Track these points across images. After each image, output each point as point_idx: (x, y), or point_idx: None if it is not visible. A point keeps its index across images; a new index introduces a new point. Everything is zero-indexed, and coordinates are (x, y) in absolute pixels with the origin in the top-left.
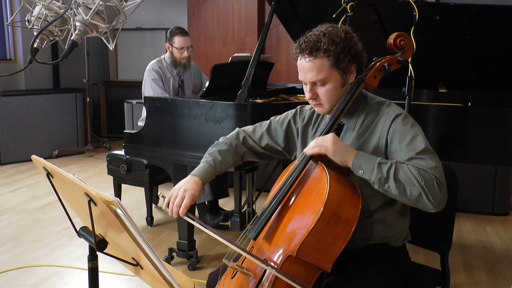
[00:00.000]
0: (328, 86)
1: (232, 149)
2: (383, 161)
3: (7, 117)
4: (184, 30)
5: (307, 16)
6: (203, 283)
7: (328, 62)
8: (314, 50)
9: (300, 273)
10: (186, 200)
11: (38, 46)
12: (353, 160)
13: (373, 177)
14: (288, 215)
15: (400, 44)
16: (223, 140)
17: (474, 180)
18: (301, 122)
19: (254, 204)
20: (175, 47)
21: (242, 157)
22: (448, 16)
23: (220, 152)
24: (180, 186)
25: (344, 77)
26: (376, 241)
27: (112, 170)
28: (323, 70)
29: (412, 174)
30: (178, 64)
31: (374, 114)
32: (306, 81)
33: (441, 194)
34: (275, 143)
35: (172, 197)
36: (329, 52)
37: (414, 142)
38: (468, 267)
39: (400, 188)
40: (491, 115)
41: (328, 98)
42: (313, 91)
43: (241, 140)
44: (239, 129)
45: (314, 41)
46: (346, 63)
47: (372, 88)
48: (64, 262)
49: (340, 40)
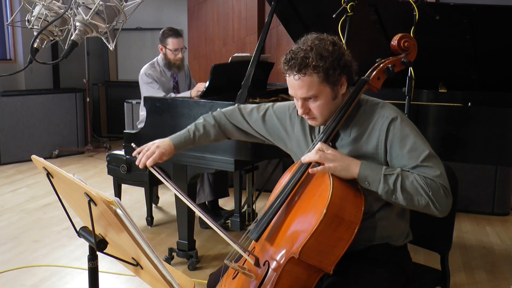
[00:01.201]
0: (319, 101)
1: (217, 126)
2: (388, 171)
3: (7, 117)
4: (177, 31)
5: (307, 16)
6: (203, 283)
7: (318, 78)
8: (303, 67)
9: (301, 275)
10: (155, 155)
11: (38, 46)
12: (359, 172)
13: (380, 189)
14: (291, 217)
15: (404, 45)
16: (216, 113)
17: (474, 180)
18: (299, 121)
19: (254, 204)
20: (168, 48)
21: (228, 137)
22: (448, 16)
23: (205, 126)
24: (155, 142)
25: (335, 90)
26: (378, 242)
27: (112, 170)
28: (314, 86)
29: (419, 184)
30: (172, 66)
31: (369, 117)
32: (297, 97)
33: (447, 201)
34: (266, 132)
35: (145, 149)
36: (318, 68)
37: (415, 148)
38: (468, 267)
39: (407, 199)
40: (491, 115)
41: (320, 112)
42: (305, 107)
43: (235, 117)
44: (235, 107)
45: (302, 57)
46: (336, 76)
47: (375, 89)
48: (64, 262)
49: (328, 54)
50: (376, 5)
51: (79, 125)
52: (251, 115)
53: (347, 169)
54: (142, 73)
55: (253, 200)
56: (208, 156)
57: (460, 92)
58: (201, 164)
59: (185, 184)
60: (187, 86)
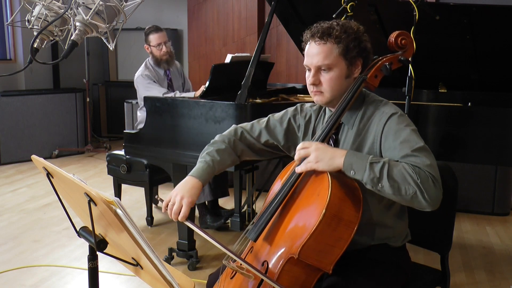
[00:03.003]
0: (332, 74)
1: (229, 148)
2: (375, 160)
3: (7, 117)
4: (158, 26)
5: (307, 16)
6: (203, 283)
7: (338, 48)
8: (326, 35)
9: (301, 274)
10: (184, 209)
11: (38, 46)
12: (344, 160)
13: (365, 177)
14: (289, 217)
15: (401, 43)
16: (220, 138)
17: (474, 180)
18: (303, 119)
19: (254, 204)
20: (152, 45)
21: (240, 156)
22: (448, 16)
23: (218, 151)
24: (177, 191)
25: (350, 69)
26: (377, 242)
27: (112, 170)
28: (331, 55)
29: (407, 172)
30: (161, 61)
31: (371, 113)
32: (312, 65)
33: (437, 192)
34: (275, 139)
35: (170, 203)
36: (339, 39)
37: (408, 140)
38: (468, 267)
39: (394, 187)
40: (491, 115)
41: (330, 86)
42: (316, 76)
43: (239, 136)
44: (236, 126)
45: (327, 27)
46: (354, 54)
47: (373, 87)
48: (64, 262)
49: (352, 31)
50: (376, 5)
51: (79, 125)
52: (253, 129)
53: (330, 163)
54: (139, 76)
55: (253, 200)
56: None
57: (460, 92)
58: None
59: None
60: (181, 85)
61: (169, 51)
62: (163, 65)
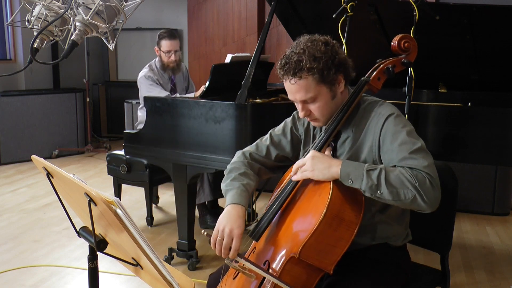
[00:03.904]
0: (319, 103)
1: (249, 169)
2: (371, 167)
3: (7, 117)
4: (173, 33)
5: (307, 16)
6: (203, 283)
7: (314, 79)
8: (298, 71)
9: (302, 274)
10: (236, 243)
11: (38, 46)
12: (340, 169)
13: (364, 185)
14: (291, 217)
15: (405, 46)
16: (234, 165)
17: (474, 180)
18: (301, 127)
19: (254, 204)
20: (162, 50)
21: (259, 175)
22: (448, 16)
23: (242, 174)
24: (225, 224)
25: (333, 89)
26: (377, 242)
27: (112, 170)
28: (311, 88)
29: (404, 177)
30: (166, 68)
31: (367, 116)
32: (296, 101)
33: (435, 193)
34: (284, 152)
35: (218, 238)
36: (312, 70)
37: (406, 142)
38: (468, 267)
39: (393, 193)
40: (491, 115)
41: (321, 113)
42: (305, 109)
43: (249, 158)
44: (241, 151)
45: (296, 61)
46: (332, 76)
47: (376, 90)
48: (64, 262)
49: (321, 55)
50: (376, 5)
51: (79, 125)
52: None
53: (325, 172)
54: (142, 76)
55: (253, 200)
56: (208, 156)
57: (460, 92)
58: (201, 164)
59: (185, 184)
60: (184, 88)
61: (177, 59)
62: (168, 72)
